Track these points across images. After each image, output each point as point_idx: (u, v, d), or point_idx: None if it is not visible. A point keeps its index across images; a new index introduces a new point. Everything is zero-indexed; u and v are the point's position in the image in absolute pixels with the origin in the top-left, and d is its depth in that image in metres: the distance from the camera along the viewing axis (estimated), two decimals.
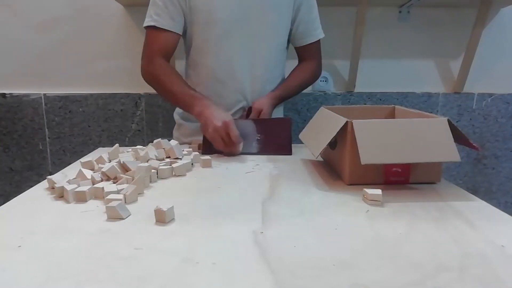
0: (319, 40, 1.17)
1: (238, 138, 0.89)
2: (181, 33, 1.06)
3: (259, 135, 0.95)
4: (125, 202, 0.60)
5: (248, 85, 1.08)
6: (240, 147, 0.91)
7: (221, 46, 1.05)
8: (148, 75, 1.05)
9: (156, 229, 0.52)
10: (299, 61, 1.21)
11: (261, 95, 1.10)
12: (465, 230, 0.50)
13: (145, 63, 1.05)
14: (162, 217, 0.53)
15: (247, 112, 1.06)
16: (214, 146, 0.91)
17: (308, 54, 1.18)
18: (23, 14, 1.48)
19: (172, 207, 0.55)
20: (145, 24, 1.03)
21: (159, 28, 1.01)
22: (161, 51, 1.03)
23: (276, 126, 0.96)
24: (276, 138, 0.94)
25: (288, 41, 1.16)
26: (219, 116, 0.89)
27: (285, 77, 1.18)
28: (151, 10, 1.03)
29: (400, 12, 1.53)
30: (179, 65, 1.48)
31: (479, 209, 0.58)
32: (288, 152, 0.93)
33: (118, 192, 0.62)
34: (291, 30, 1.12)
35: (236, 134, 0.88)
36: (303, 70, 1.18)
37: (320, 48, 1.19)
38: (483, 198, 0.62)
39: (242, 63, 1.07)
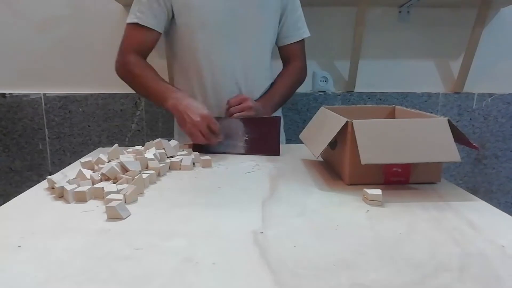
0: (303, 40, 1.16)
1: (219, 130, 0.90)
2: (162, 32, 1.05)
3: (247, 134, 0.94)
4: (125, 202, 0.60)
5: (242, 85, 1.08)
6: (220, 138, 0.91)
7: (212, 47, 1.04)
8: (122, 70, 1.05)
9: (156, 229, 0.52)
10: (284, 64, 1.19)
11: (256, 92, 1.10)
12: (465, 230, 0.50)
13: (119, 58, 1.05)
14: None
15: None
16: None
17: (292, 54, 1.16)
18: (23, 14, 1.48)
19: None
20: (128, 21, 1.03)
21: (141, 25, 1.02)
22: (140, 48, 1.04)
23: (264, 126, 0.94)
24: (264, 138, 0.93)
25: None
26: (195, 110, 0.89)
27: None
28: (135, 7, 1.03)
29: (400, 12, 1.53)
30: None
31: (479, 209, 0.58)
32: (276, 152, 0.92)
33: (118, 192, 0.62)
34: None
35: (217, 127, 0.89)
36: (289, 74, 1.17)
37: (304, 49, 1.18)
38: (483, 198, 0.62)
39: (235, 63, 1.06)
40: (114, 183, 0.68)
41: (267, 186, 0.69)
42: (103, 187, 0.63)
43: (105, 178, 0.70)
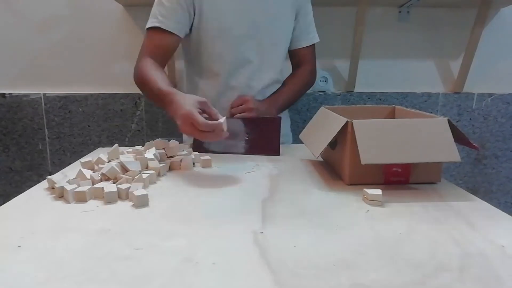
0: (313, 45, 1.17)
1: (206, 125, 0.72)
2: (183, 37, 1.02)
3: (247, 134, 0.94)
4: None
5: (259, 90, 1.08)
6: (224, 127, 0.76)
7: (233, 54, 1.04)
8: (134, 77, 0.99)
9: (156, 229, 0.52)
10: (293, 67, 1.20)
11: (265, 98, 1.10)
12: (465, 230, 0.50)
13: (136, 64, 1.00)
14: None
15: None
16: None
17: (302, 59, 1.17)
18: (23, 14, 1.48)
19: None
20: (150, 25, 0.99)
21: (163, 29, 0.97)
22: (159, 52, 0.99)
23: (265, 126, 0.95)
24: (264, 138, 0.93)
25: None
26: (178, 111, 0.76)
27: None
28: (156, 10, 0.98)
29: (400, 12, 1.53)
30: (179, 65, 1.49)
31: (479, 209, 0.58)
32: (276, 152, 0.92)
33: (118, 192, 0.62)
34: None
35: (200, 122, 0.72)
36: (298, 76, 1.17)
37: (315, 53, 1.19)
38: (483, 198, 0.62)
39: (254, 69, 1.06)
40: (114, 183, 0.68)
41: (267, 186, 0.69)
42: (103, 187, 0.63)
43: (105, 178, 0.70)
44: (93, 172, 0.71)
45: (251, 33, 1.04)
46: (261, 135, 0.93)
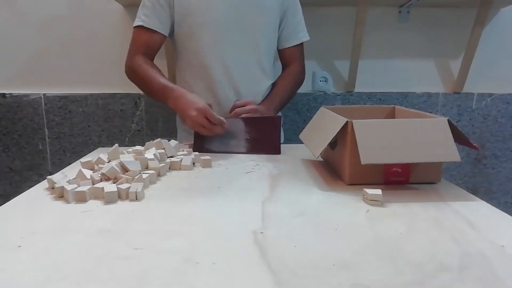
0: (302, 43, 1.18)
1: (219, 119, 0.90)
2: (167, 34, 1.09)
3: (247, 134, 0.95)
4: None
5: (243, 84, 1.10)
6: (225, 126, 0.91)
7: (215, 46, 1.06)
8: (128, 72, 1.09)
9: (156, 229, 0.52)
10: (283, 66, 1.21)
11: (256, 93, 1.11)
12: (465, 230, 0.50)
13: (127, 61, 1.10)
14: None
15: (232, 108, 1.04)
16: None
17: (291, 58, 1.19)
18: (23, 14, 1.48)
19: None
20: (134, 24, 1.08)
21: (146, 28, 1.05)
22: (145, 49, 1.08)
23: (265, 125, 0.95)
24: (264, 137, 0.94)
25: None
26: (192, 105, 0.90)
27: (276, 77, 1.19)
28: (140, 11, 1.08)
29: (400, 12, 1.53)
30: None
31: (479, 209, 0.58)
32: (277, 151, 0.92)
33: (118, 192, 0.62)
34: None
35: (215, 117, 0.89)
36: (289, 76, 1.19)
37: (303, 51, 1.20)
38: (483, 198, 0.62)
39: (236, 62, 1.08)
40: (114, 183, 0.68)
41: (267, 186, 0.69)
42: (103, 187, 0.63)
43: (105, 178, 0.70)
44: (93, 172, 0.71)
45: (234, 28, 1.06)
46: (261, 134, 0.94)
